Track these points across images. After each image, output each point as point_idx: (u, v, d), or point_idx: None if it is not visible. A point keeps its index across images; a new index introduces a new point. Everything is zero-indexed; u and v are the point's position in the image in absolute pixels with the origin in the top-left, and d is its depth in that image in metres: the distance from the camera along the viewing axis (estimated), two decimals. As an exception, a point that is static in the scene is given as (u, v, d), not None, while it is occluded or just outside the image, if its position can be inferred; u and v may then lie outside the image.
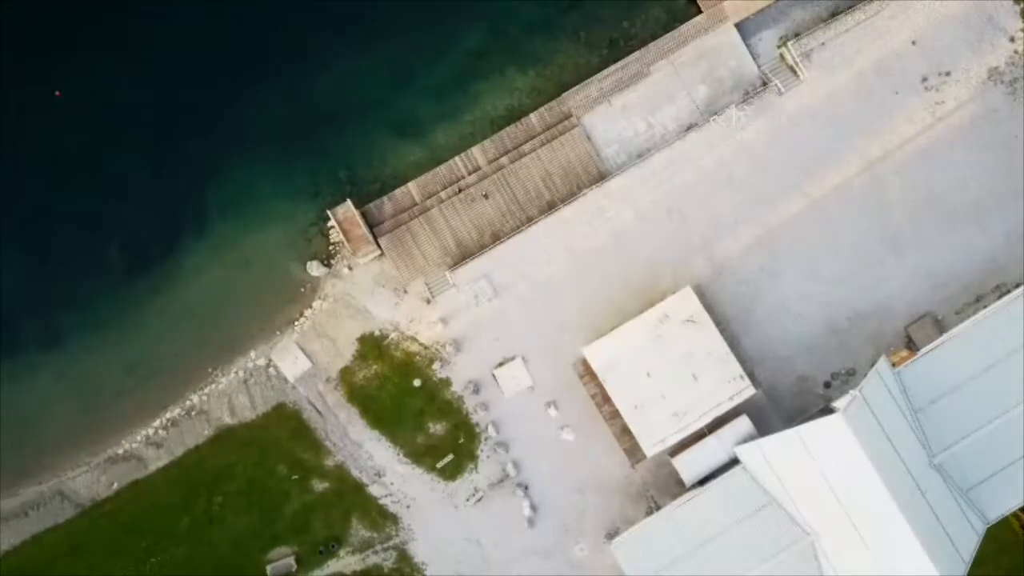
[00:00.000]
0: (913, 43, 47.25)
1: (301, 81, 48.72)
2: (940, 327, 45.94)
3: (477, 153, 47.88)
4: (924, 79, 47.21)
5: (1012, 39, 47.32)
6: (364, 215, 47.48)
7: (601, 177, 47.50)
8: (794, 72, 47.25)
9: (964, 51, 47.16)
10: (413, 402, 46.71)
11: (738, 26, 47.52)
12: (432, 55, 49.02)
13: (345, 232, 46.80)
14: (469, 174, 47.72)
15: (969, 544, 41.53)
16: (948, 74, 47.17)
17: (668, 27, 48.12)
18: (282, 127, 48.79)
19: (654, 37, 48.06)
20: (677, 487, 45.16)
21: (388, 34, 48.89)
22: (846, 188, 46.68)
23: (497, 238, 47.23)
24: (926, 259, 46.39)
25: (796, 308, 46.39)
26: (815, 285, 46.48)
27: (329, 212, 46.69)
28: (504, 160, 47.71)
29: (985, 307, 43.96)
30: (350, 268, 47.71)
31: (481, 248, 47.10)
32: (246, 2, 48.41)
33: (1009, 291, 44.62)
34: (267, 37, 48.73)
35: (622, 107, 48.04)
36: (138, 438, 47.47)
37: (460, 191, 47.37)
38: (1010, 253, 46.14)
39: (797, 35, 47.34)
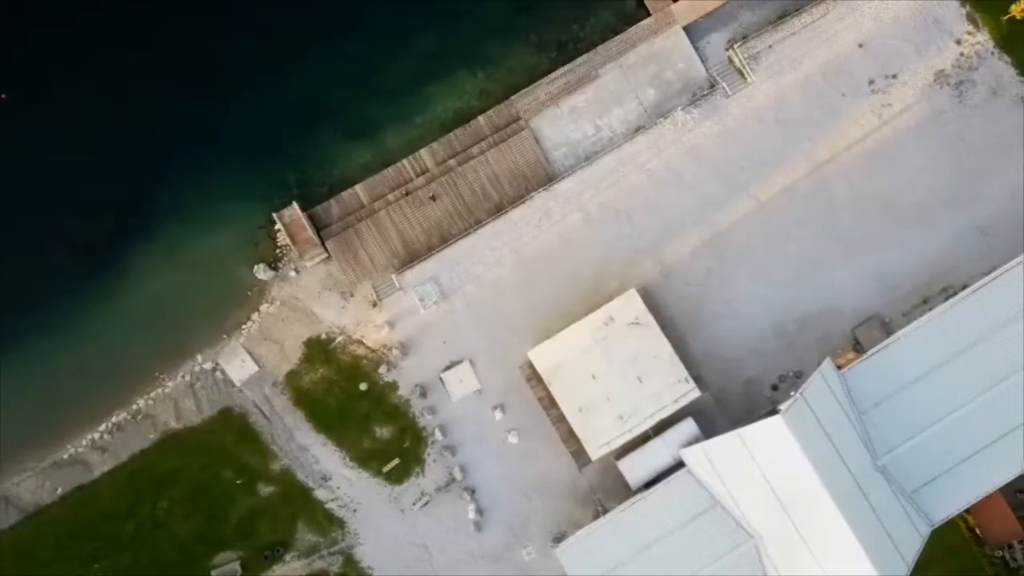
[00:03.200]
0: (860, 46, 46.69)
1: (252, 84, 47.81)
2: (887, 329, 45.23)
3: (425, 155, 47.05)
4: (871, 82, 46.60)
5: (958, 41, 46.81)
6: (312, 218, 46.58)
7: (549, 180, 46.65)
8: (742, 75, 46.53)
9: (911, 54, 46.57)
10: (359, 406, 45.71)
11: (687, 29, 46.85)
12: (384, 57, 48.10)
13: (291, 235, 45.85)
14: (417, 176, 46.87)
15: (912, 546, 40.80)
16: (895, 76, 46.53)
17: (617, 30, 47.43)
18: (233, 130, 47.84)
19: (603, 40, 47.35)
20: (625, 490, 44.20)
21: (340, 37, 48.04)
22: (793, 190, 45.91)
23: (445, 241, 46.29)
24: (873, 261, 45.62)
25: (744, 310, 45.60)
26: (763, 288, 45.67)
27: (275, 215, 45.80)
28: (452, 162, 46.86)
29: (932, 309, 43.45)
30: (297, 271, 46.77)
31: (429, 250, 46.12)
32: (196, 5, 47.57)
33: (956, 293, 43.98)
34: (218, 40, 47.84)
35: (570, 110, 47.32)
36: (83, 443, 46.30)
37: (407, 193, 46.57)
38: (957, 255, 45.37)
39: (745, 38, 46.65)
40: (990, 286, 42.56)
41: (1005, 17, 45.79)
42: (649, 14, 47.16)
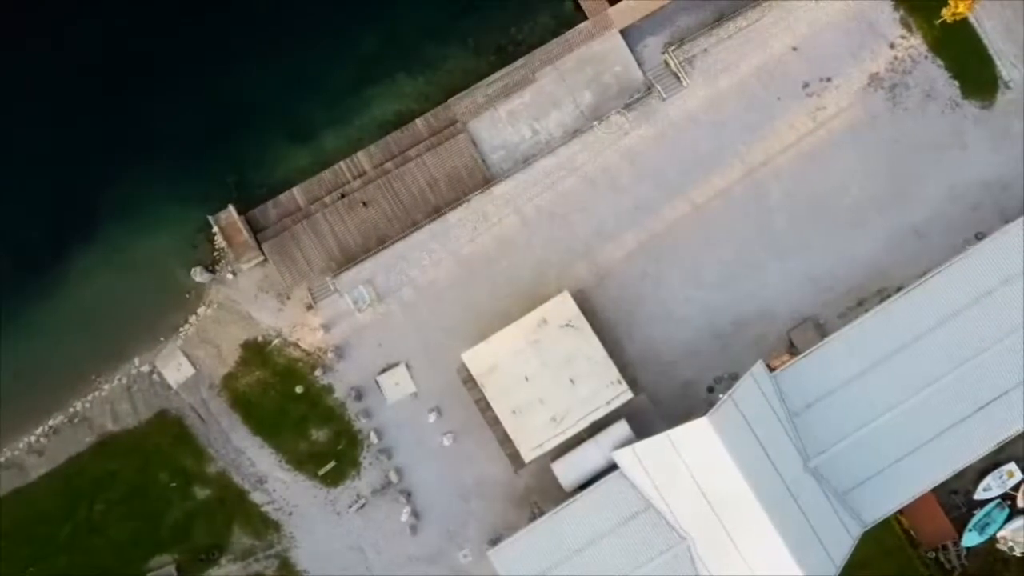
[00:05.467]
0: (795, 49, 45.49)
1: (192, 84, 46.14)
2: (822, 331, 44.00)
3: (363, 158, 45.74)
4: (806, 85, 45.48)
5: (892, 45, 45.76)
6: (248, 220, 45.08)
7: (487, 182, 45.28)
8: (678, 78, 45.25)
9: (845, 57, 45.43)
10: (295, 408, 44.20)
11: (624, 32, 45.58)
12: (323, 59, 46.62)
13: (228, 238, 44.42)
14: (354, 179, 45.54)
15: (842, 547, 39.62)
16: (829, 80, 45.38)
17: (555, 33, 46.08)
18: (173, 131, 46.08)
19: (541, 43, 46.02)
20: (561, 492, 42.74)
21: (280, 38, 46.55)
22: (729, 193, 44.69)
23: (382, 243, 44.82)
24: (808, 263, 44.41)
25: (680, 313, 44.32)
26: (698, 290, 44.40)
27: (211, 218, 44.46)
28: (390, 165, 45.47)
29: (867, 311, 42.52)
30: (234, 274, 45.28)
31: (365, 253, 44.96)
32: (137, 4, 46.05)
33: (891, 295, 43.04)
34: (158, 39, 46.17)
35: (508, 113, 46.05)
36: (20, 446, 44.52)
37: (343, 196, 45.41)
38: (891, 257, 44.21)
39: (681, 42, 45.39)
40: (923, 287, 41.62)
41: (937, 21, 44.81)
42: (586, 17, 45.83)
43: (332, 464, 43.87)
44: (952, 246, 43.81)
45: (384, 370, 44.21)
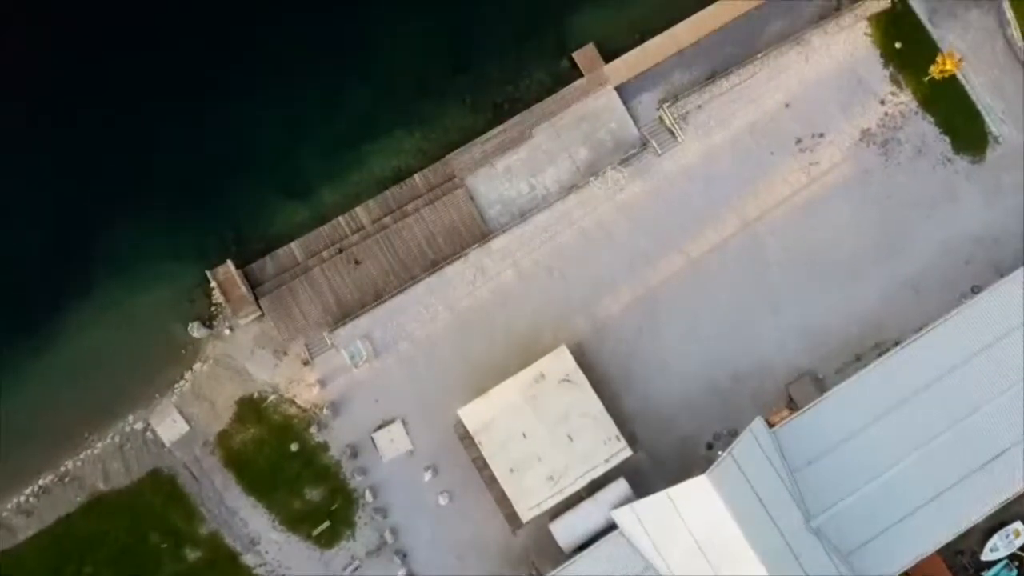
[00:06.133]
0: (787, 106, 45.80)
1: (191, 139, 46.00)
2: (820, 386, 43.46)
3: (361, 213, 45.65)
4: (798, 140, 45.68)
5: (882, 102, 46.11)
6: (246, 275, 44.76)
7: (484, 237, 45.08)
8: (672, 134, 45.44)
9: (837, 113, 45.74)
10: (290, 467, 43.18)
11: (618, 89, 45.92)
12: (323, 116, 46.70)
13: (225, 292, 44.07)
14: (352, 234, 45.34)
15: (847, 610, 38.74)
16: (822, 135, 45.68)
17: (551, 90, 46.40)
18: (172, 186, 46.00)
19: (537, 100, 46.33)
20: (560, 553, 41.65)
21: (280, 94, 46.70)
22: (724, 247, 44.51)
23: (379, 297, 44.52)
24: (805, 317, 44.00)
25: (677, 367, 43.73)
26: (695, 344, 43.87)
27: (208, 273, 44.08)
28: (388, 220, 45.37)
29: (865, 366, 41.96)
30: (231, 329, 44.80)
31: (362, 307, 44.65)
32: (135, 59, 46.13)
33: (888, 349, 42.55)
34: (157, 94, 46.24)
35: (505, 168, 46.17)
36: (8, 506, 43.33)
37: (341, 251, 45.15)
38: (887, 311, 43.86)
39: (676, 98, 45.72)
40: (921, 342, 41.10)
41: (926, 78, 45.35)
42: (582, 75, 46.29)
43: (326, 524, 42.71)
44: (948, 300, 43.43)
45: (380, 427, 43.37)
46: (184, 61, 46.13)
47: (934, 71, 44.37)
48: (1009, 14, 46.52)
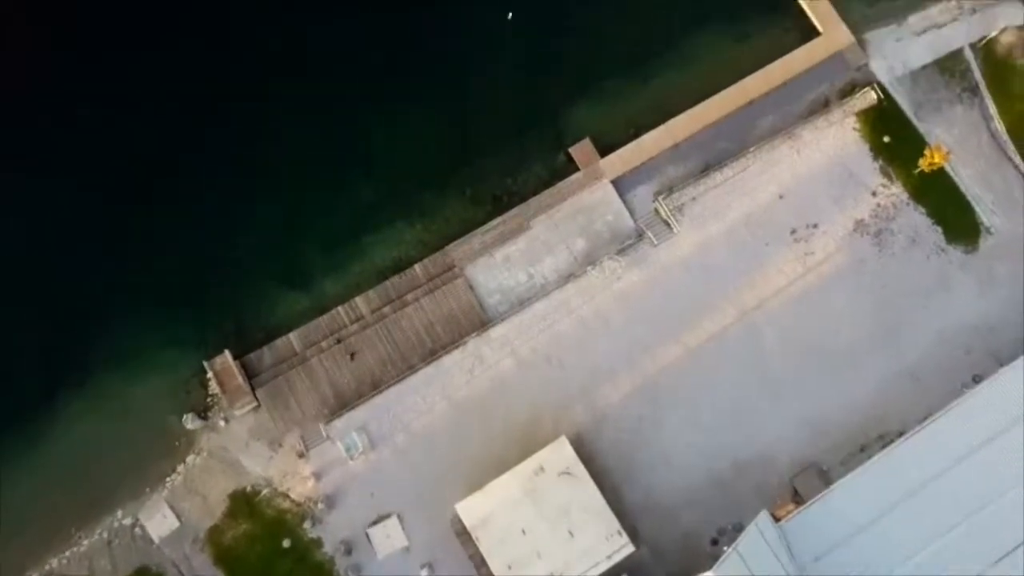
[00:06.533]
0: (781, 197, 46.51)
1: (192, 230, 46.55)
2: (825, 478, 42.37)
3: (361, 303, 45.63)
4: (793, 231, 46.15)
5: (874, 193, 46.83)
6: (244, 365, 44.40)
7: (483, 325, 45.00)
8: (668, 225, 45.93)
9: (829, 205, 46.35)
10: (282, 564, 41.51)
11: (614, 182, 46.71)
12: (325, 207, 47.33)
13: (221, 383, 43.57)
14: (352, 323, 45.33)
15: None
16: (816, 226, 46.12)
17: (548, 183, 47.22)
18: (171, 276, 46.11)
19: (535, 193, 47.10)
20: (561, 654, 40.23)
21: (281, 187, 47.58)
22: (722, 337, 44.34)
23: (376, 387, 44.03)
24: (806, 407, 43.36)
25: (679, 458, 42.75)
26: (696, 435, 43.09)
27: (206, 363, 43.65)
28: (387, 310, 45.32)
29: (869, 457, 41.17)
30: (226, 421, 44.01)
31: (360, 398, 44.08)
32: (137, 148, 46.97)
33: (892, 440, 41.78)
34: (159, 183, 46.92)
35: (504, 258, 46.46)
36: (-11, 606, 42.42)
37: (340, 341, 44.94)
38: (888, 401, 43.28)
39: (671, 190, 46.53)
40: (924, 433, 40.47)
41: (916, 171, 46.19)
42: (578, 169, 47.24)
43: (318, 626, 41.12)
44: (949, 389, 42.91)
45: (375, 522, 42.06)
46: (186, 150, 47.03)
47: (923, 164, 45.25)
48: (992, 109, 47.89)
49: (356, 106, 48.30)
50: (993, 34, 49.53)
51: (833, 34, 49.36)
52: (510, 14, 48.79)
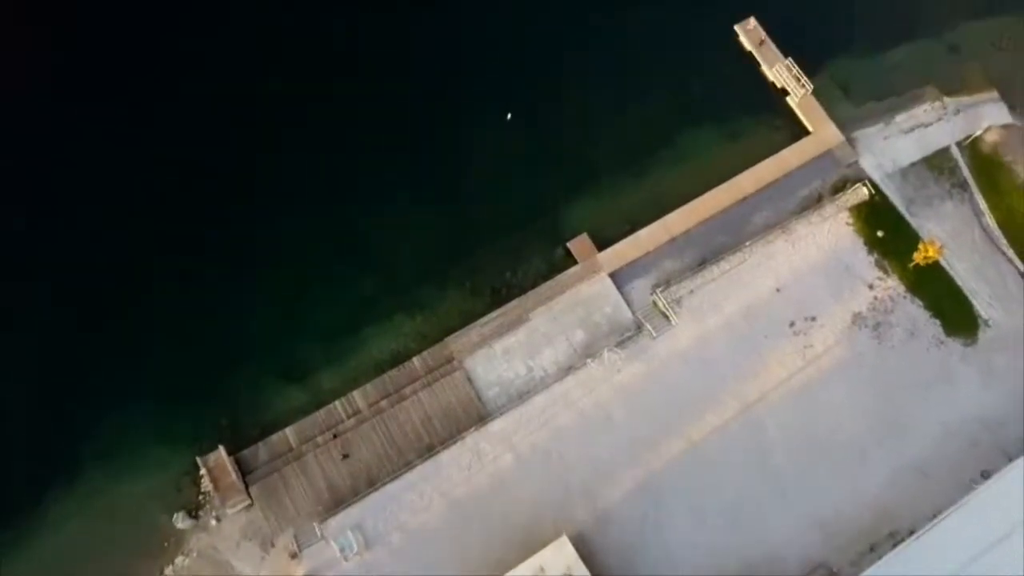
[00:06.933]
0: (778, 290, 46.73)
1: (189, 321, 46.27)
2: (836, 578, 41.34)
3: (358, 397, 44.99)
4: (792, 324, 46.12)
5: (871, 287, 47.13)
6: (238, 462, 43.34)
7: (482, 419, 44.26)
8: (666, 318, 45.97)
9: (827, 298, 46.58)
10: (270, 672, 40.17)
11: (612, 276, 47.00)
12: (324, 300, 47.34)
13: (215, 480, 42.45)
14: (349, 418, 44.66)
15: None
16: (814, 319, 46.16)
17: (547, 276, 47.55)
18: (166, 368, 45.52)
19: (534, 285, 47.35)
20: None
21: (281, 277, 47.59)
22: (725, 430, 43.61)
23: (372, 484, 42.87)
24: (813, 503, 42.24)
25: (684, 559, 41.09)
26: (701, 533, 41.75)
27: (199, 460, 42.66)
28: (385, 404, 44.76)
29: (880, 556, 39.85)
30: (218, 519, 42.62)
31: (355, 495, 42.80)
32: (137, 235, 47.19)
33: (903, 539, 40.58)
34: (156, 272, 46.85)
35: (504, 350, 46.23)
36: None
37: (336, 436, 44.17)
38: (897, 496, 42.22)
39: (668, 283, 46.83)
40: (936, 531, 39.37)
41: (911, 264, 46.65)
42: (576, 262, 47.71)
43: None
44: (958, 484, 42.09)
45: (369, 627, 40.43)
46: (184, 239, 47.28)
47: (918, 258, 45.73)
48: (983, 204, 48.81)
49: (356, 199, 49.10)
50: (978, 133, 51.06)
51: (822, 133, 50.84)
52: (509, 114, 50.37)
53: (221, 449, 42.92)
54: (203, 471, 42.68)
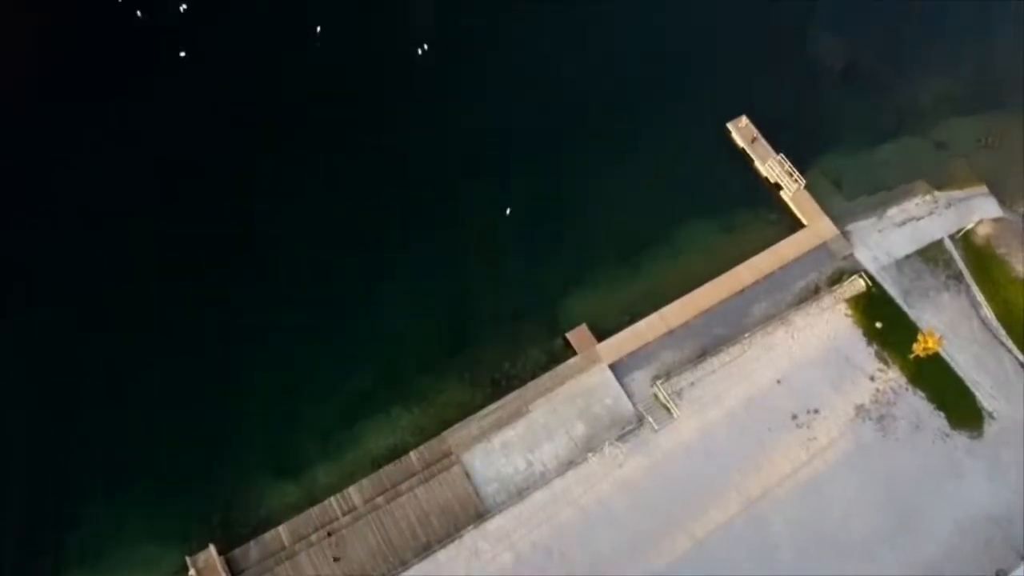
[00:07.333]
0: (779, 382, 46.29)
1: (180, 413, 45.35)
2: None
3: (354, 493, 43.72)
4: (794, 416, 45.48)
5: (872, 378, 46.77)
6: (229, 561, 41.85)
7: (480, 516, 43.05)
8: (668, 410, 45.44)
9: (828, 390, 46.12)
10: None
11: (612, 367, 46.72)
12: (320, 393, 46.77)
13: (203, 581, 41.38)
14: (344, 515, 43.39)
15: None
16: (817, 411, 45.60)
17: (546, 367, 47.24)
18: (157, 464, 44.42)
19: (533, 376, 46.95)
20: None
21: (276, 369, 47.02)
22: (730, 526, 42.34)
23: (367, 586, 41.90)
24: (825, 606, 41.31)
25: (692, 666, 40.06)
26: (710, 639, 40.60)
27: (188, 559, 41.25)
28: (380, 500, 43.49)
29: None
30: (204, 622, 41.36)
31: (348, 599, 41.49)
32: (129, 326, 46.86)
33: (920, 643, 39.15)
34: (146, 364, 46.19)
35: (502, 444, 45.39)
36: None
37: (330, 534, 42.81)
38: (911, 596, 41.41)
39: (668, 375, 46.51)
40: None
41: (911, 355, 46.50)
42: (576, 353, 47.53)
43: None
44: (974, 584, 40.83)
45: None
46: (178, 329, 46.96)
47: (917, 349, 45.65)
48: (980, 296, 49.08)
49: (354, 288, 49.15)
50: (970, 226, 51.89)
51: (817, 226, 51.66)
52: (508, 209, 51.28)
53: (212, 548, 41.54)
54: (192, 572, 41.22)
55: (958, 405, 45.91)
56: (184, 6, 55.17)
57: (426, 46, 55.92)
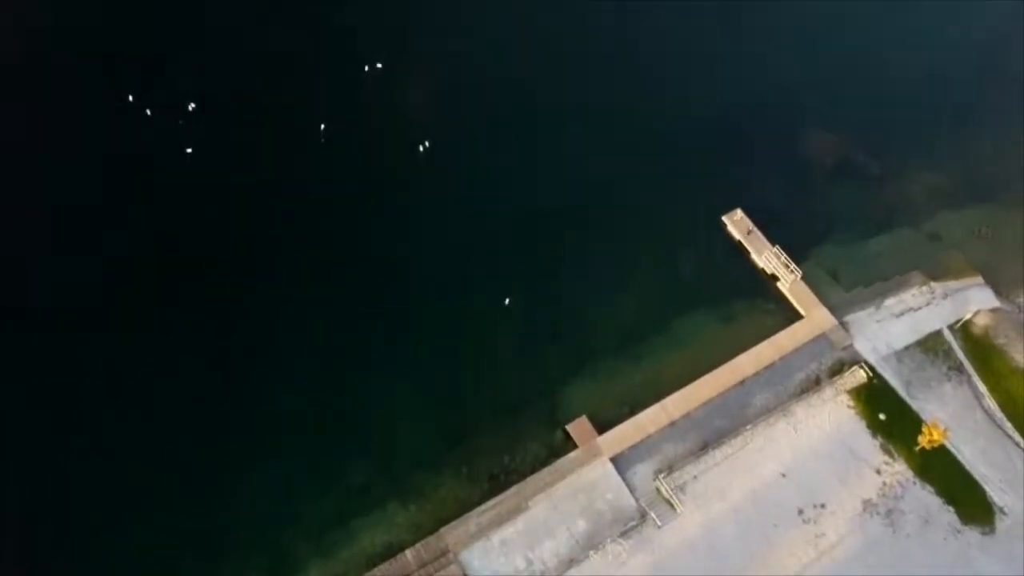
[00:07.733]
0: (783, 475, 45.34)
1: (169, 515, 43.87)
2: None
3: (346, 594, 42.75)
4: (800, 511, 44.25)
5: (878, 471, 45.80)
6: (213, 669, 40.47)
7: (478, 620, 41.87)
8: (671, 505, 44.28)
9: (834, 483, 45.10)
10: None
11: (613, 460, 45.84)
12: (313, 488, 45.61)
13: None
14: (336, 618, 41.97)
15: None
16: (823, 506, 44.40)
17: (546, 461, 46.28)
18: (146, 566, 43.19)
19: (533, 471, 45.92)
20: None
21: (269, 464, 45.92)
22: (739, 632, 41.31)
23: None
24: None
25: None
26: None
27: (172, 665, 39.83)
28: (373, 604, 42.39)
29: None
30: None
31: None
32: (118, 426, 45.86)
33: None
34: (135, 463, 44.97)
35: (501, 542, 43.97)
36: None
37: (321, 638, 41.17)
38: None
39: (671, 468, 45.58)
40: None
41: (916, 448, 45.73)
42: (576, 446, 46.68)
43: None
44: None
45: None
46: (169, 424, 46.08)
47: (923, 441, 44.96)
48: (982, 387, 48.73)
49: (350, 381, 48.67)
50: (967, 316, 52.03)
51: (815, 316, 51.78)
52: (507, 300, 51.51)
53: (198, 653, 39.80)
54: None
55: (968, 499, 44.86)
56: (193, 105, 56.96)
57: (427, 143, 57.49)
